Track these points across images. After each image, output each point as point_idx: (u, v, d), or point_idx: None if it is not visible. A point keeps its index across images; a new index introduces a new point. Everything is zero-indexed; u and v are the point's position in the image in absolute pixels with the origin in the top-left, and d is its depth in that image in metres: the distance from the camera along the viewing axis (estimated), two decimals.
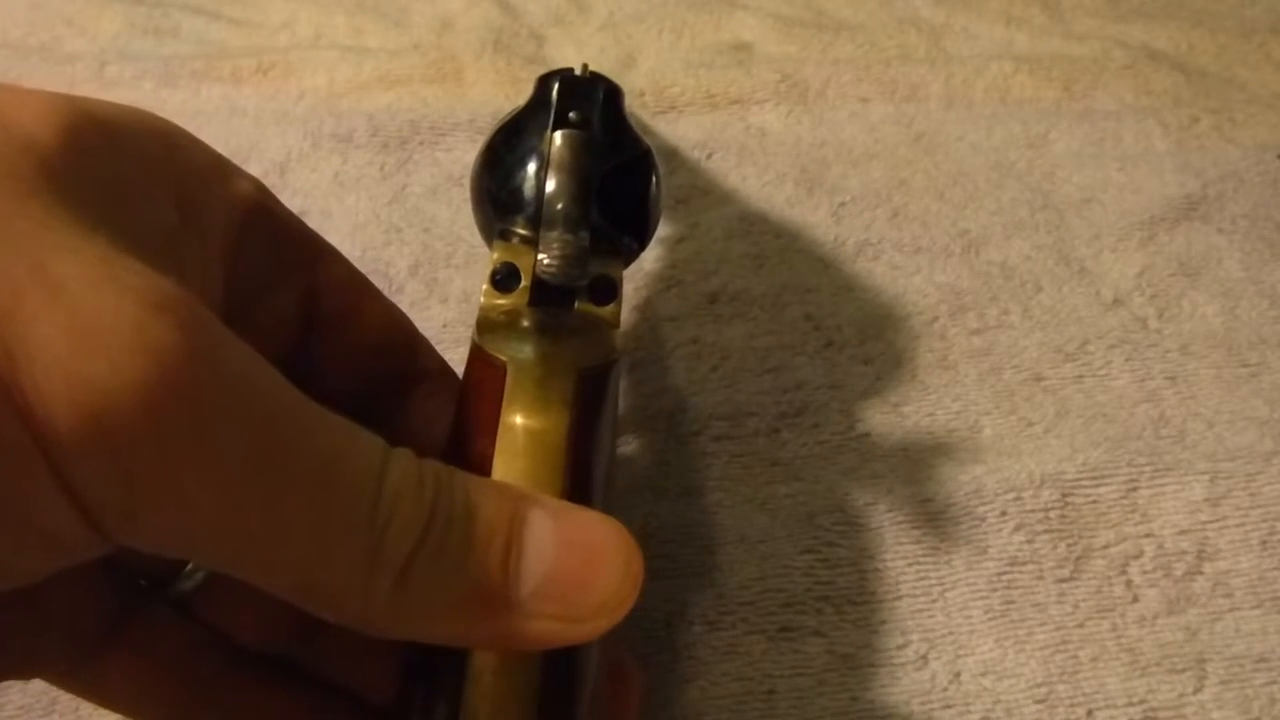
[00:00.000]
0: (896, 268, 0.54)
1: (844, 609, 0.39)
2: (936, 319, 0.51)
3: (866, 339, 0.50)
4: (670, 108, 0.64)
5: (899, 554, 0.40)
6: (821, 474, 0.44)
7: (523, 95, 0.38)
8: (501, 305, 0.29)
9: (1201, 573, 0.41)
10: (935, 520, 0.41)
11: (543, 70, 0.37)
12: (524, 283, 0.29)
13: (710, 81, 0.66)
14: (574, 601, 0.22)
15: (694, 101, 0.65)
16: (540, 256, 0.27)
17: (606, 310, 0.30)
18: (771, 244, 0.55)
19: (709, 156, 0.61)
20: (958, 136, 0.64)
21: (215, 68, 0.64)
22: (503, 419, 0.25)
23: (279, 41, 0.70)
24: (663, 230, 0.54)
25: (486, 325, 0.28)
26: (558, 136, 0.31)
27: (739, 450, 0.44)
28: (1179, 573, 0.41)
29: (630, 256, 0.34)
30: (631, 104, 0.63)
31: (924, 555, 0.40)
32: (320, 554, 0.19)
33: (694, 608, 0.38)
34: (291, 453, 0.19)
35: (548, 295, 0.29)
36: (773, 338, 0.50)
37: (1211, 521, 0.42)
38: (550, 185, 0.29)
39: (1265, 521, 0.42)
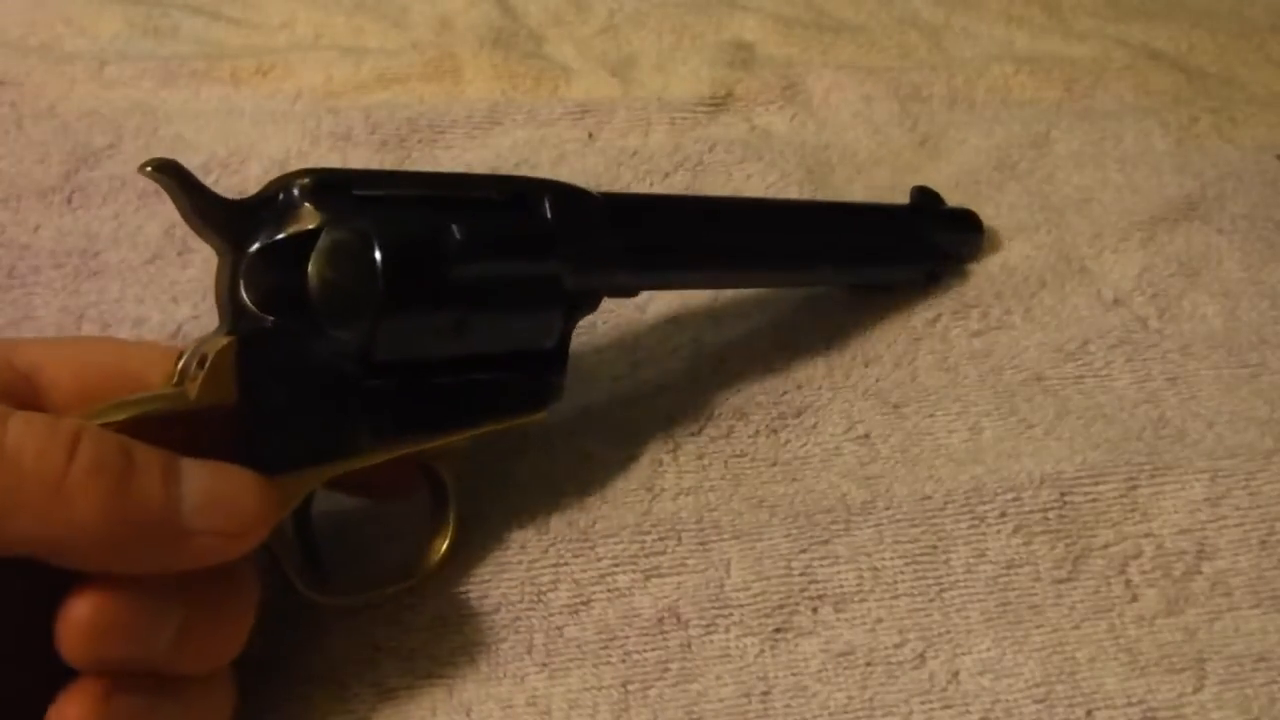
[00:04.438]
0: None
1: (841, 608, 0.39)
2: (938, 319, 0.51)
3: (867, 340, 0.50)
4: (671, 108, 0.64)
5: (897, 553, 0.40)
6: (821, 474, 0.44)
7: (520, 92, 0.38)
8: None
9: (1201, 572, 0.40)
10: (934, 520, 0.41)
11: (542, 68, 0.38)
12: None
13: (712, 82, 0.66)
14: (231, 515, 0.29)
15: (695, 102, 0.65)
16: None
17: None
18: None
19: (711, 157, 0.61)
20: (960, 140, 0.64)
21: (215, 68, 0.64)
22: None
23: (278, 41, 0.70)
24: None
25: None
26: None
27: (739, 450, 0.44)
28: (1178, 572, 0.40)
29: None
30: (633, 106, 0.63)
31: (922, 555, 0.40)
32: None
33: (692, 607, 0.38)
34: None
35: None
36: (774, 339, 0.50)
37: (1211, 521, 0.42)
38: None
39: (1265, 521, 0.42)
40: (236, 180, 0.55)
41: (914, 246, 0.52)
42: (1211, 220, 0.57)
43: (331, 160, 0.58)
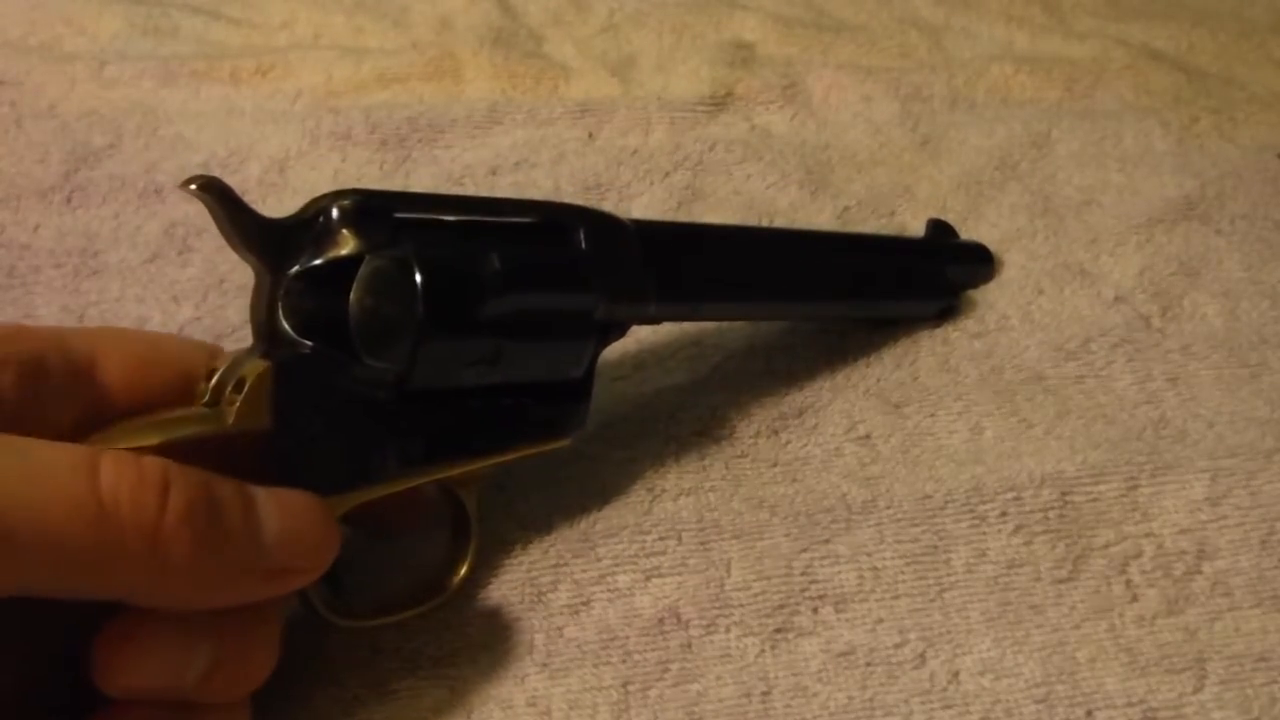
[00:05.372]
0: None
1: (842, 608, 0.39)
2: (939, 320, 0.51)
3: (868, 340, 0.50)
4: (671, 108, 0.64)
5: (897, 553, 0.40)
6: (821, 474, 0.44)
7: (520, 92, 0.38)
8: None
9: (1201, 572, 0.40)
10: (934, 520, 0.41)
11: (542, 67, 0.38)
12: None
13: (712, 82, 0.66)
14: (306, 541, 0.30)
15: (695, 102, 0.65)
16: None
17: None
18: None
19: (711, 157, 0.61)
20: (961, 140, 0.64)
21: (215, 68, 0.64)
22: None
23: (278, 41, 0.70)
24: None
25: None
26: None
27: (739, 450, 0.44)
28: (1179, 572, 0.40)
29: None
30: (633, 105, 0.63)
31: (923, 555, 0.40)
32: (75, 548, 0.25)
33: (692, 607, 0.38)
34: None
35: None
36: (774, 339, 0.50)
37: (1211, 521, 0.42)
38: None
39: (1265, 521, 0.42)
40: (236, 180, 0.55)
41: (929, 280, 0.52)
42: (1211, 220, 0.57)
43: (331, 159, 0.58)
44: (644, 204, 0.58)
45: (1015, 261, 0.55)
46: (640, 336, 0.49)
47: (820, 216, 0.57)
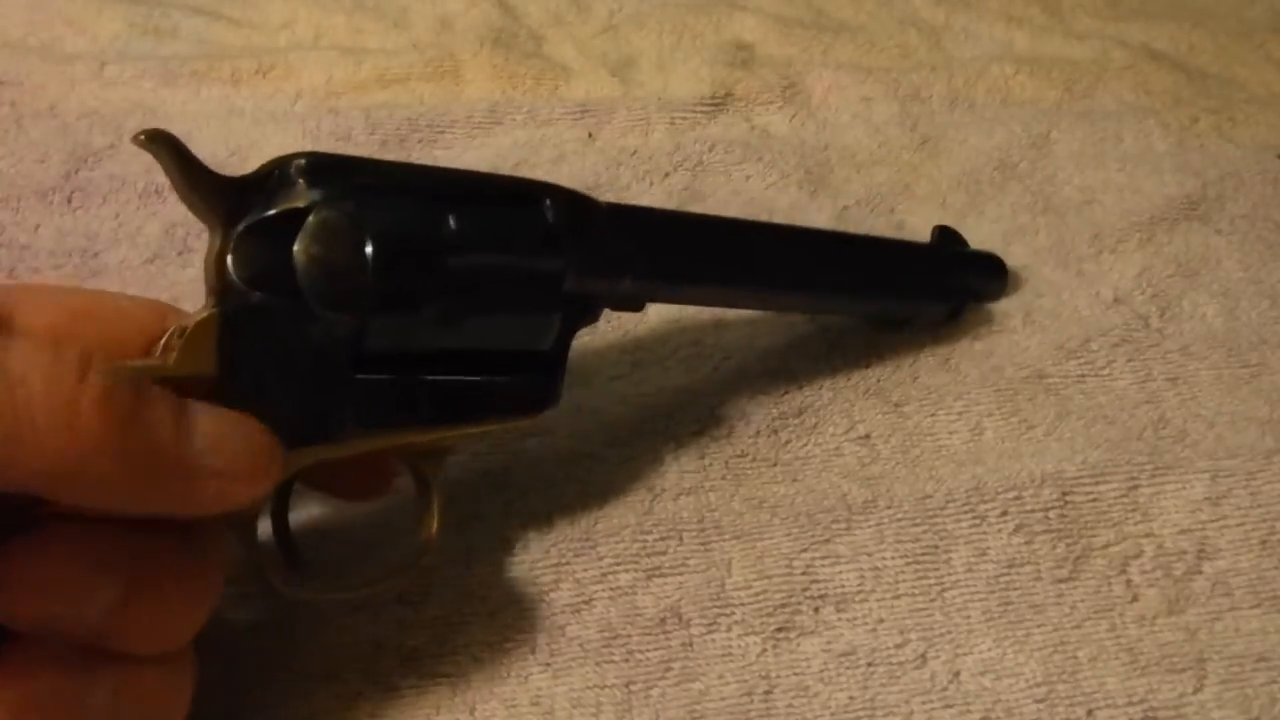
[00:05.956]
0: None
1: (843, 608, 0.39)
2: (939, 320, 0.51)
3: (869, 341, 0.50)
4: (671, 108, 0.64)
5: (898, 553, 0.40)
6: (821, 474, 0.44)
7: (520, 92, 0.38)
8: None
9: (1201, 572, 0.41)
10: (935, 520, 0.41)
11: (542, 68, 0.38)
12: None
13: (712, 82, 0.66)
14: (241, 457, 0.29)
15: (695, 102, 0.65)
16: None
17: None
18: None
19: (711, 157, 0.61)
20: (960, 140, 0.64)
21: (215, 68, 0.64)
22: None
23: (278, 42, 0.70)
24: None
25: None
26: None
27: (739, 450, 0.44)
28: (1179, 572, 0.40)
29: None
30: (633, 106, 0.63)
31: (923, 554, 0.40)
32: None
33: (693, 606, 0.38)
34: None
35: None
36: (774, 338, 0.50)
37: (1212, 521, 0.42)
38: None
39: (1265, 521, 0.42)
40: None
41: (934, 283, 0.51)
42: (1211, 220, 0.57)
43: None
44: (644, 204, 0.58)
45: (1015, 261, 0.55)
46: (639, 336, 0.49)
47: (820, 216, 0.57)
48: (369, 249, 0.32)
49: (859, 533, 0.41)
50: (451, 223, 0.34)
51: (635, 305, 0.42)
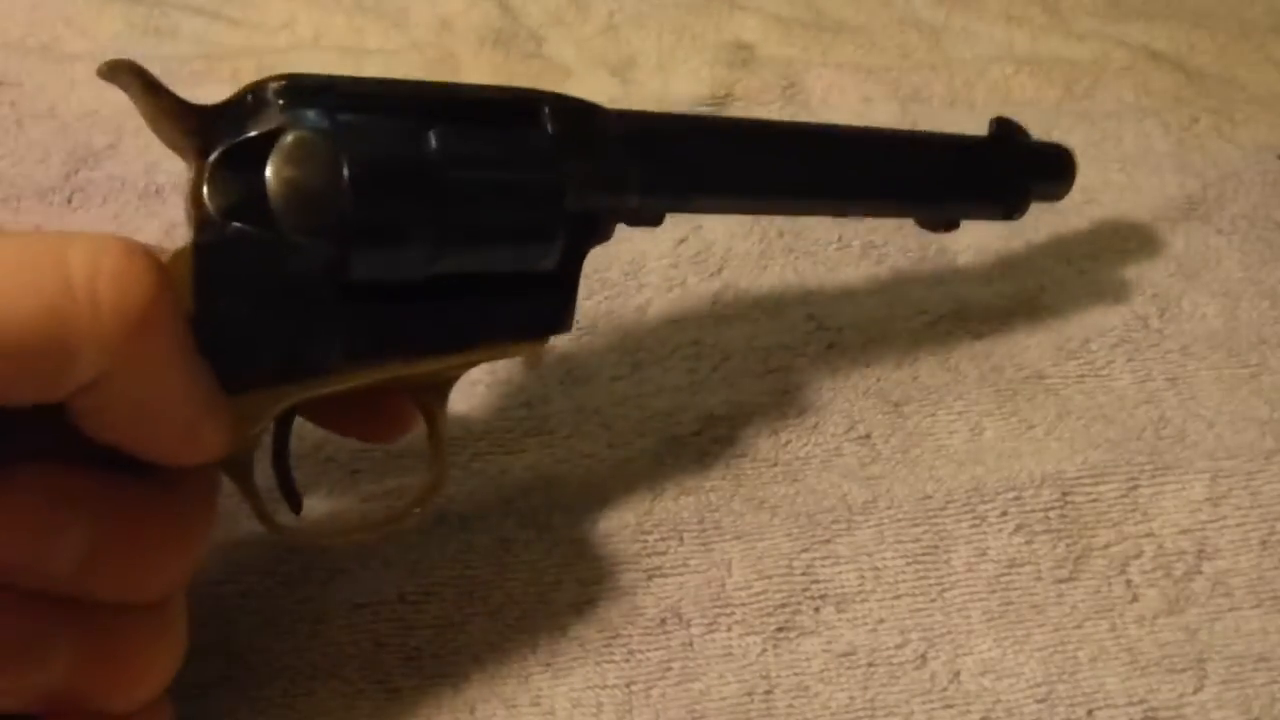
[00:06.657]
0: (900, 270, 0.54)
1: (843, 608, 0.39)
2: (940, 320, 0.51)
3: (869, 341, 0.50)
4: (672, 109, 0.64)
5: (898, 553, 0.40)
6: (821, 474, 0.44)
7: None
8: None
9: (1201, 572, 0.41)
10: (935, 520, 0.41)
11: (542, 68, 0.37)
12: None
13: (712, 82, 0.66)
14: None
15: (695, 102, 0.65)
16: None
17: None
18: (775, 245, 0.55)
19: None
20: None
21: (215, 68, 0.64)
22: None
23: (279, 42, 0.70)
24: (666, 231, 0.54)
25: None
26: None
27: (739, 450, 0.44)
28: (1179, 572, 0.40)
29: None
30: (632, 106, 0.63)
31: (923, 555, 0.40)
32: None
33: (694, 606, 0.38)
34: None
35: None
36: (774, 338, 0.50)
37: (1211, 521, 0.42)
38: None
39: (1265, 521, 0.42)
40: None
41: (986, 182, 0.47)
42: (1211, 220, 0.57)
43: None
44: None
45: (1016, 259, 0.55)
46: (640, 336, 0.49)
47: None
48: (345, 170, 0.30)
49: (859, 533, 0.41)
50: (438, 140, 0.32)
51: (653, 220, 0.39)
